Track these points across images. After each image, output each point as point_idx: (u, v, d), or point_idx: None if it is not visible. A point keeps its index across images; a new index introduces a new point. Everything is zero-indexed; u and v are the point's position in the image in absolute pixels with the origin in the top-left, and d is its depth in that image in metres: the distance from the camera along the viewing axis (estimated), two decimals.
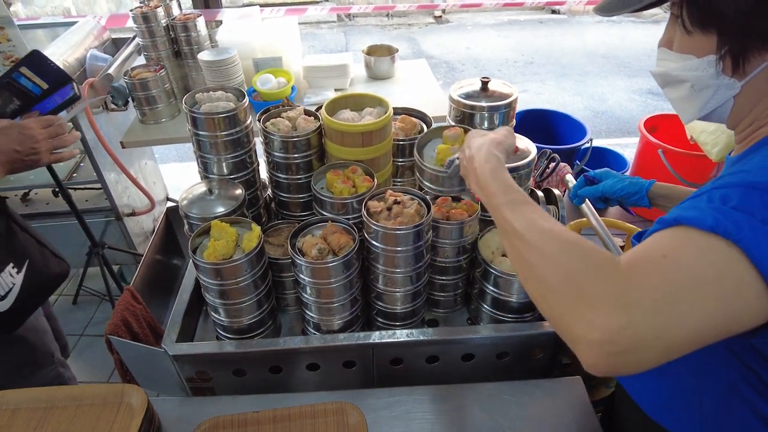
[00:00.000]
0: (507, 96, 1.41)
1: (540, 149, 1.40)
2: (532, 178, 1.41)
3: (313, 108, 1.47)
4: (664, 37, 0.75)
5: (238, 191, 1.37)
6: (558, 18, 7.20)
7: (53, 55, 2.14)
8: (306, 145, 1.36)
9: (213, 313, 1.33)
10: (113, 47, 2.57)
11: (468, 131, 1.24)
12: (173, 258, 1.83)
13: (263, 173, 1.54)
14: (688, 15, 0.67)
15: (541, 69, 5.60)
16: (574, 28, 6.81)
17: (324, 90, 2.42)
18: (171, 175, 3.30)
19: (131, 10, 2.38)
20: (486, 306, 1.39)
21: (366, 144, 1.32)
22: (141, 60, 2.52)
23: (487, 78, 1.44)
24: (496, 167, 0.87)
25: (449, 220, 1.29)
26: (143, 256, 1.61)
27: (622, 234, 1.88)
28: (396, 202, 1.23)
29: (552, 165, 1.52)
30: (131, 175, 2.32)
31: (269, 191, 1.57)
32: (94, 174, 2.30)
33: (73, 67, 2.20)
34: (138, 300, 1.45)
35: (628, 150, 3.26)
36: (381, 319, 1.39)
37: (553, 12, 7.30)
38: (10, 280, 1.32)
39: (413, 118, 1.53)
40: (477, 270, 1.39)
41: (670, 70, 0.74)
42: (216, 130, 1.34)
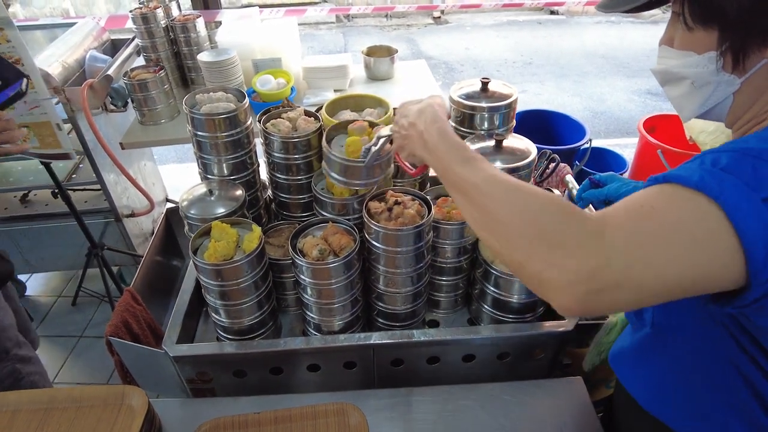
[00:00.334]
0: (507, 96, 1.41)
1: (540, 150, 1.40)
2: (532, 178, 1.41)
3: (313, 109, 1.47)
4: (665, 36, 0.76)
5: (238, 192, 1.37)
6: (557, 18, 7.21)
7: (52, 56, 2.14)
8: (306, 146, 1.35)
9: (213, 314, 1.33)
10: (112, 48, 2.57)
11: (375, 126, 1.22)
12: (173, 259, 1.83)
13: (263, 174, 1.54)
14: (689, 11, 0.68)
15: (540, 69, 5.60)
16: (572, 28, 6.82)
17: (323, 91, 2.42)
18: (170, 176, 3.30)
19: (130, 11, 2.38)
20: (487, 306, 1.39)
21: None
22: (140, 61, 2.52)
23: (487, 79, 1.44)
24: (444, 128, 0.85)
25: (450, 220, 1.30)
26: (143, 257, 1.60)
27: None
28: (397, 202, 1.23)
29: (552, 165, 1.53)
30: (130, 176, 2.32)
31: (269, 192, 1.57)
32: (93, 175, 2.29)
33: (73, 68, 2.20)
34: (138, 301, 1.45)
35: (627, 150, 3.26)
36: (382, 320, 1.39)
37: (552, 12, 7.30)
38: None
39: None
40: (478, 270, 1.39)
41: (670, 67, 0.75)
42: (216, 131, 1.34)
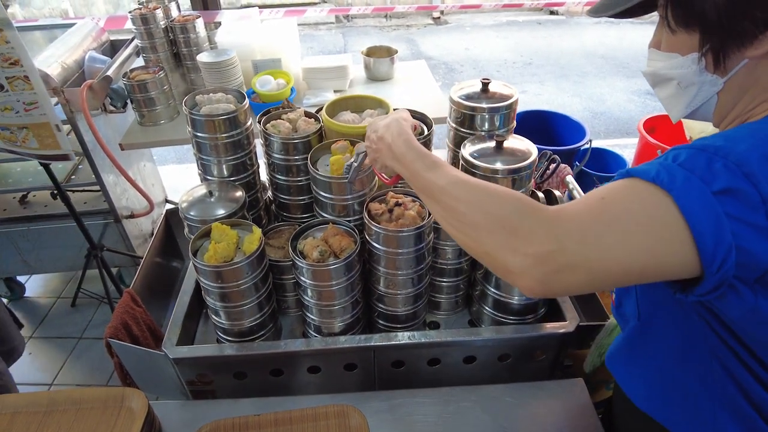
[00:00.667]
0: (507, 97, 1.41)
1: (540, 150, 1.40)
2: (532, 179, 1.41)
3: (313, 109, 1.47)
4: (653, 39, 0.79)
5: (238, 193, 1.37)
6: (556, 19, 7.20)
7: (51, 57, 2.13)
8: (306, 147, 1.35)
9: (213, 316, 1.32)
10: (112, 49, 2.56)
11: (356, 144, 1.28)
12: (173, 260, 1.82)
13: (263, 175, 1.53)
14: (672, 15, 0.71)
15: (540, 70, 5.60)
16: (572, 29, 6.82)
17: (323, 91, 2.42)
18: (169, 177, 3.29)
19: (130, 11, 2.38)
20: (487, 308, 1.39)
21: None
22: (140, 62, 2.51)
23: (488, 79, 1.43)
24: (408, 138, 0.94)
25: None
26: (143, 258, 1.60)
27: None
28: (397, 204, 1.23)
29: (552, 166, 1.53)
30: (130, 177, 2.31)
31: (269, 193, 1.57)
32: (92, 176, 2.29)
33: (72, 69, 2.19)
34: (138, 303, 1.45)
35: (627, 151, 3.26)
36: (382, 322, 1.38)
37: (552, 13, 7.30)
38: None
39: (414, 119, 1.52)
40: (478, 272, 1.39)
41: (657, 69, 0.78)
42: (216, 132, 1.34)
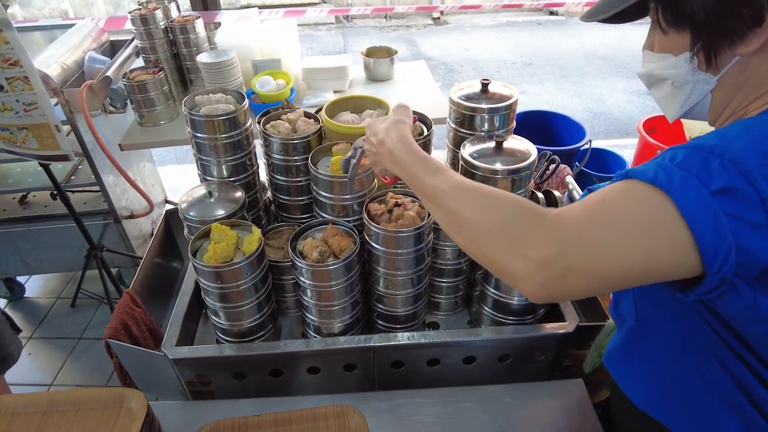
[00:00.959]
0: (507, 98, 1.41)
1: (540, 151, 1.39)
2: (532, 180, 1.41)
3: (313, 110, 1.47)
4: (647, 41, 0.80)
5: (238, 194, 1.37)
6: (556, 19, 7.20)
7: (51, 58, 2.13)
8: (306, 148, 1.35)
9: (213, 317, 1.32)
10: (111, 49, 2.56)
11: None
12: (172, 261, 1.82)
13: (263, 175, 1.53)
14: (663, 16, 0.73)
15: (540, 70, 5.60)
16: (572, 29, 6.81)
17: (323, 92, 2.42)
18: (169, 178, 3.29)
19: (129, 12, 2.38)
20: (487, 308, 1.39)
21: None
22: (139, 62, 2.51)
23: (488, 80, 1.43)
24: (409, 143, 0.92)
25: None
26: (142, 259, 1.60)
27: None
28: (397, 204, 1.23)
29: (552, 167, 1.53)
30: (129, 178, 2.31)
31: (269, 194, 1.57)
32: (92, 176, 2.29)
33: (72, 70, 2.19)
34: (137, 303, 1.44)
35: (627, 151, 3.26)
36: (382, 322, 1.38)
37: (552, 13, 7.30)
38: None
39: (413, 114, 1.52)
40: (478, 272, 1.39)
41: (652, 69, 0.79)
42: (216, 132, 1.34)
